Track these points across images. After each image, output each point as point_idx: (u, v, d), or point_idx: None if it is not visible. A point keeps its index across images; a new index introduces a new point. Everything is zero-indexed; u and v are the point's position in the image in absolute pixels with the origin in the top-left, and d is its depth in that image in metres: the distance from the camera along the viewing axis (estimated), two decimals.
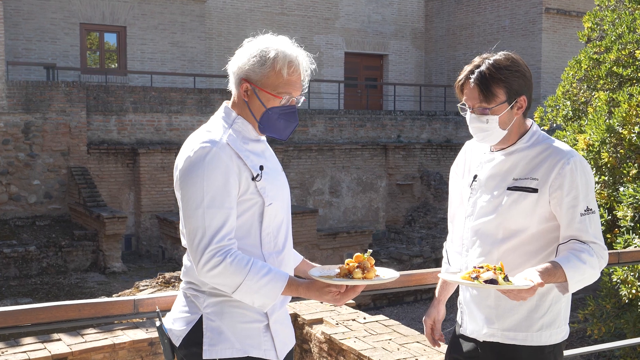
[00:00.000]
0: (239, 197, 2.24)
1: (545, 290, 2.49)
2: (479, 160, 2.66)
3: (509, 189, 2.51)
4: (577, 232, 2.44)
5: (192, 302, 2.31)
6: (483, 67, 2.47)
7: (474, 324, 2.64)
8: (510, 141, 2.56)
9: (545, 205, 2.47)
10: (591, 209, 2.45)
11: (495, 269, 2.31)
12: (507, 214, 2.51)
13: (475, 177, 2.64)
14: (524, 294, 2.27)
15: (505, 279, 2.28)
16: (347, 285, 2.24)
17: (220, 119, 2.34)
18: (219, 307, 2.27)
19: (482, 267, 2.35)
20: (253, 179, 2.26)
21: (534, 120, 7.35)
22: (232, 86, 2.36)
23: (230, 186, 2.21)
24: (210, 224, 2.16)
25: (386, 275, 2.30)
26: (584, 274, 2.38)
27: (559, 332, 2.56)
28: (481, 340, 2.62)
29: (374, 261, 2.29)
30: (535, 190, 2.46)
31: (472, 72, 2.49)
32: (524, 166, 2.51)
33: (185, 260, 2.35)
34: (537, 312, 2.52)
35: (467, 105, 2.53)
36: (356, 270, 2.24)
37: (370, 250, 2.38)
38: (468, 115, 2.53)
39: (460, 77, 2.54)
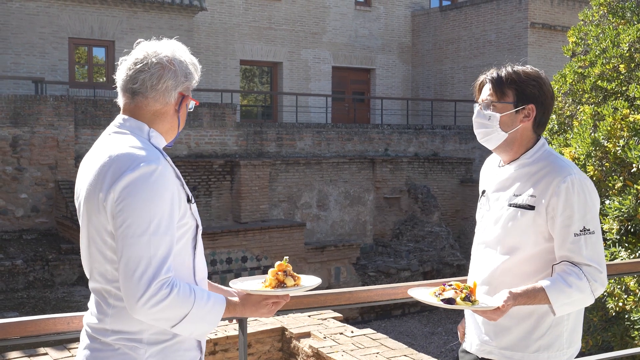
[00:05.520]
0: (177, 222, 2.05)
1: (544, 311, 2.46)
2: (489, 175, 2.67)
3: (509, 205, 2.50)
4: (568, 253, 2.40)
5: (127, 354, 2.04)
6: (503, 70, 2.52)
7: (475, 340, 2.64)
8: (515, 153, 2.55)
9: (542, 224, 2.43)
10: (589, 229, 2.39)
11: (462, 289, 2.31)
12: (505, 230, 2.50)
13: (483, 192, 2.66)
14: (490, 314, 2.27)
15: (466, 299, 2.27)
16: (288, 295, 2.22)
17: (131, 136, 2.10)
18: (162, 355, 2.06)
19: (450, 285, 2.35)
20: (189, 200, 2.11)
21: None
22: (152, 101, 2.14)
23: (174, 211, 2.02)
24: (155, 254, 1.94)
25: (309, 281, 2.29)
26: (570, 297, 2.34)
27: (559, 356, 2.51)
28: (480, 356, 2.61)
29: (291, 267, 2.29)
30: (532, 208, 2.44)
31: (492, 73, 2.54)
32: (524, 182, 2.49)
33: (111, 303, 2.06)
34: (535, 333, 2.49)
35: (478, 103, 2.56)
36: (288, 277, 2.22)
37: (287, 257, 2.34)
38: (475, 112, 2.54)
39: (480, 77, 2.59)
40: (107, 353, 2.05)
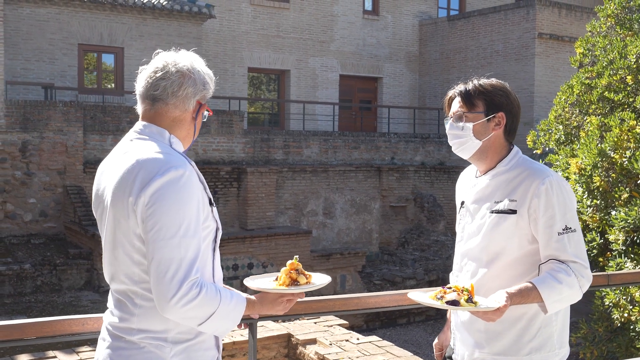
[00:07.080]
0: (201, 224, 2.12)
1: (533, 313, 2.51)
2: (467, 186, 2.73)
3: (491, 212, 2.56)
4: (554, 252, 2.46)
5: (153, 352, 2.10)
6: (470, 83, 2.60)
7: (465, 348, 2.66)
8: (490, 161, 2.62)
9: (525, 226, 2.50)
10: (570, 228, 2.47)
11: (463, 290, 2.35)
12: (489, 237, 2.55)
13: (462, 203, 2.72)
14: (490, 315, 2.31)
15: (469, 300, 2.31)
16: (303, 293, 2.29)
17: (153, 142, 2.16)
18: (185, 354, 2.13)
19: (450, 288, 2.39)
20: (210, 203, 2.18)
21: (527, 144, 7.45)
22: (172, 107, 2.21)
23: (200, 213, 2.09)
24: (185, 255, 2.01)
25: (320, 279, 2.35)
26: (561, 293, 2.40)
27: (552, 357, 2.55)
28: None
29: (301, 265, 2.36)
30: (514, 212, 2.50)
31: (459, 87, 2.62)
32: (504, 189, 2.56)
33: (138, 303, 2.12)
34: (526, 335, 2.53)
35: (449, 117, 2.64)
36: (300, 276, 2.29)
37: (297, 256, 2.40)
38: (447, 125, 2.62)
39: (449, 93, 2.67)
40: (133, 351, 2.11)
